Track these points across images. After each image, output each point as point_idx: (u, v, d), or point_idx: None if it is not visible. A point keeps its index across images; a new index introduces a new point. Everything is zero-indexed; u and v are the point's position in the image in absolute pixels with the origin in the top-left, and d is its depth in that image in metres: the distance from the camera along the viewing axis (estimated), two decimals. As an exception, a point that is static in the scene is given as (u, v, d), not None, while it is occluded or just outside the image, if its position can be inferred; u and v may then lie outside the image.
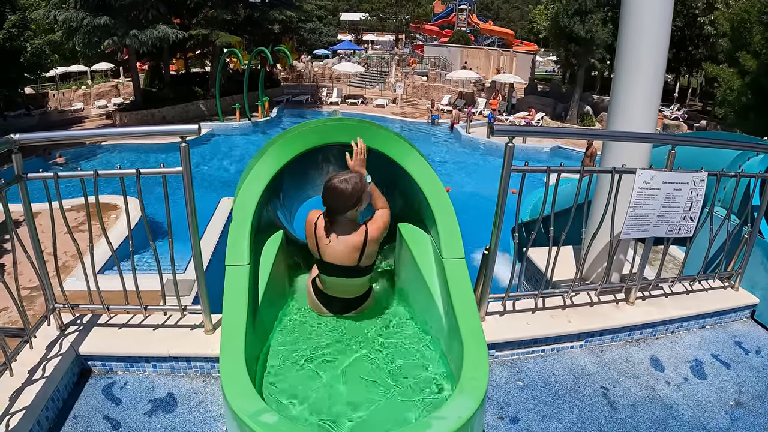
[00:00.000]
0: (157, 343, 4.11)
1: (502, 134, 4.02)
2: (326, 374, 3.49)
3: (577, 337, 4.80)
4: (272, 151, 4.02)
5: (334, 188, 3.79)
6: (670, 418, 4.11)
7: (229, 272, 3.66)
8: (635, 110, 5.01)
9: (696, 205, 4.76)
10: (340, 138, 4.06)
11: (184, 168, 3.71)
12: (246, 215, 3.84)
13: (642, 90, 4.97)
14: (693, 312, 5.27)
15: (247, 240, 3.78)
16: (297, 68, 54.98)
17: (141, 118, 34.35)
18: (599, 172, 4.87)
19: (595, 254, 5.30)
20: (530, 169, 4.25)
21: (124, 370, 4.12)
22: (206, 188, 22.38)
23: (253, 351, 3.42)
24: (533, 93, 47.34)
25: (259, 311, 3.76)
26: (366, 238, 3.87)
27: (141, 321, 4.37)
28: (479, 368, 3.16)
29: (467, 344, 3.31)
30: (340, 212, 3.86)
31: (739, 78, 21.17)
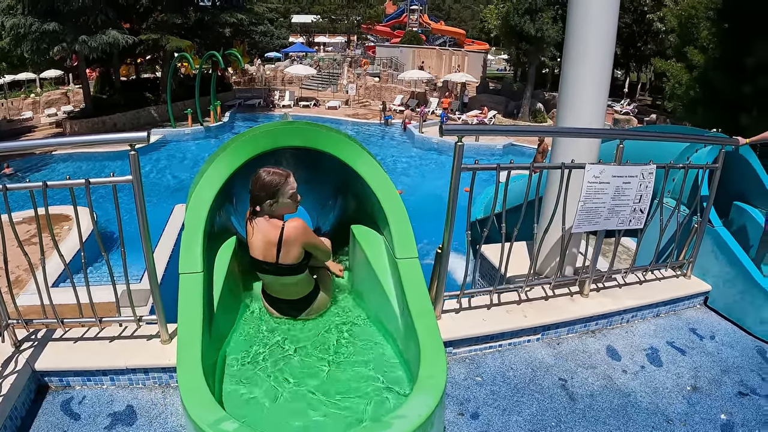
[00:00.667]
0: (113, 356, 4.06)
1: (451, 134, 4.07)
2: (284, 379, 3.48)
3: (534, 331, 4.86)
4: (223, 157, 3.97)
5: (255, 176, 3.88)
6: (629, 406, 4.19)
7: (183, 280, 3.61)
8: (583, 105, 5.09)
9: (645, 198, 4.85)
10: (292, 141, 4.05)
11: (133, 176, 3.69)
12: (198, 222, 3.80)
13: (590, 85, 5.04)
14: (647, 301, 5.39)
15: (199, 247, 3.73)
16: (249, 72, 54.65)
17: (92, 126, 33.67)
18: (549, 168, 4.93)
19: (549, 248, 5.38)
20: (480, 167, 4.28)
21: (82, 385, 4.05)
22: (159, 196, 22.11)
23: (210, 359, 3.38)
24: (485, 91, 47.58)
25: (215, 318, 3.72)
26: (281, 235, 3.89)
27: (97, 334, 4.29)
28: (436, 366, 3.17)
29: (423, 343, 3.33)
30: (257, 202, 3.90)
31: (687, 73, 21.52)
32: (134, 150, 3.62)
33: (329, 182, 4.74)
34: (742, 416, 4.19)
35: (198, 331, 3.33)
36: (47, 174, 25.88)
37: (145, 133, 3.57)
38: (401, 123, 38.48)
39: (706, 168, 5.46)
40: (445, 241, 4.43)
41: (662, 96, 36.31)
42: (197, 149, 31.74)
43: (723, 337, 5.28)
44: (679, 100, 21.78)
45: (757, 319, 5.30)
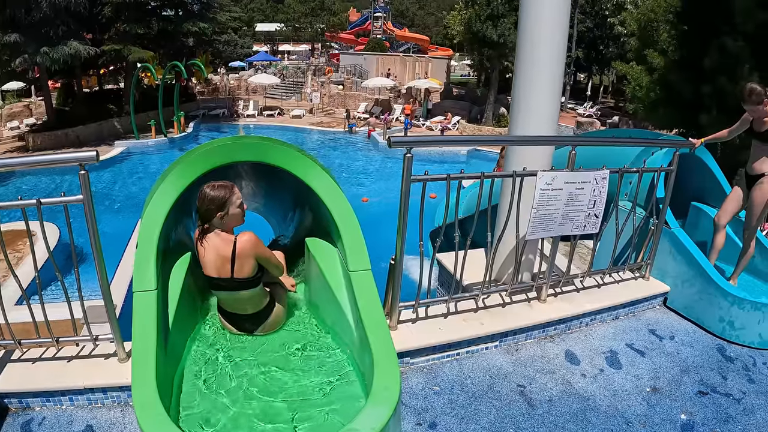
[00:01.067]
0: (72, 376, 3.99)
1: (399, 146, 4.09)
2: (242, 395, 3.46)
3: (491, 338, 4.86)
4: (175, 173, 3.95)
5: (201, 194, 3.84)
6: (588, 410, 4.21)
7: (137, 299, 3.58)
8: (535, 113, 5.11)
9: (599, 203, 4.88)
10: (244, 156, 4.05)
11: (84, 196, 3.61)
12: (151, 240, 3.76)
13: (541, 92, 5.07)
14: (605, 304, 5.43)
15: (153, 265, 3.69)
16: (213, 81, 54.30)
17: (54, 139, 33.14)
18: (500, 176, 4.91)
19: (505, 255, 5.37)
20: (430, 178, 4.30)
21: (41, 406, 3.98)
22: (123, 209, 21.92)
23: (166, 377, 3.35)
24: (449, 97, 47.83)
25: (171, 336, 3.68)
26: (234, 249, 3.88)
27: (55, 354, 4.22)
28: (390, 378, 3.18)
29: (377, 355, 3.33)
30: (207, 218, 3.88)
31: (647, 75, 21.77)
32: (84, 169, 3.55)
33: (288, 195, 4.72)
34: (702, 415, 4.24)
35: (152, 349, 3.29)
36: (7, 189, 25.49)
37: (93, 152, 3.52)
38: (365, 131, 38.48)
39: (660, 171, 5.51)
40: (398, 252, 4.43)
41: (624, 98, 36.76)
42: (161, 161, 31.33)
43: (682, 336, 5.33)
44: (640, 101, 22.04)
45: (716, 317, 5.37)
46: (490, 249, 4.97)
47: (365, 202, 22.33)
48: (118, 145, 32.87)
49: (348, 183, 26.82)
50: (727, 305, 5.27)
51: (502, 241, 4.98)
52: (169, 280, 4.02)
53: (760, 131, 5.46)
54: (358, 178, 28.24)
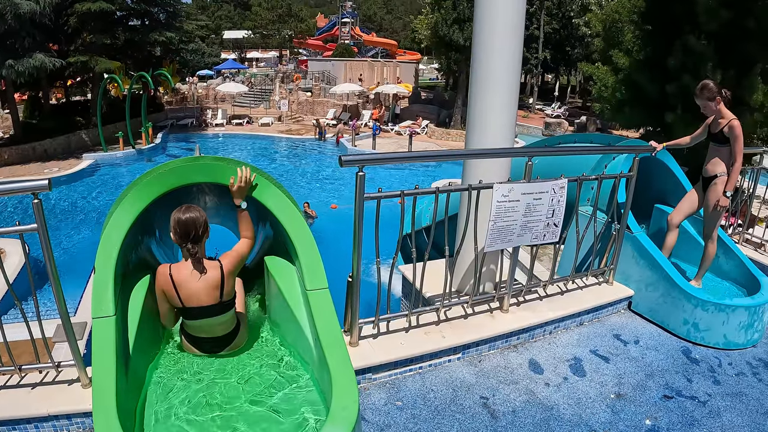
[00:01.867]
0: (36, 403, 3.91)
1: (351, 164, 4.09)
2: (205, 418, 3.43)
3: (454, 351, 4.84)
4: (131, 197, 3.90)
5: (185, 221, 3.78)
6: (551, 419, 4.20)
7: (96, 325, 3.52)
8: (492, 123, 5.10)
9: (558, 212, 4.88)
10: (198, 178, 4.01)
11: (39, 225, 3.55)
12: (108, 264, 3.70)
13: (497, 103, 5.06)
14: (569, 311, 5.44)
15: (110, 290, 3.63)
16: (181, 91, 54.06)
17: (21, 153, 32.74)
18: (456, 190, 4.82)
19: (466, 266, 5.36)
20: (384, 195, 4.30)
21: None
22: (93, 223, 21.73)
23: (128, 403, 3.32)
24: (417, 101, 47.94)
25: (131, 361, 3.63)
26: (222, 273, 3.87)
27: (18, 381, 4.14)
28: (348, 396, 3.17)
29: (335, 374, 3.32)
30: (197, 241, 3.85)
31: (612, 75, 21.85)
32: (38, 198, 3.49)
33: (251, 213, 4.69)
34: (667, 419, 4.26)
35: (112, 376, 3.25)
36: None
37: (45, 181, 3.45)
38: (334, 137, 38.49)
39: (619, 177, 5.53)
40: (355, 270, 4.41)
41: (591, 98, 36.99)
42: (130, 172, 31.24)
43: (647, 340, 5.36)
44: (606, 101, 22.10)
45: (680, 320, 5.42)
46: (450, 261, 4.96)
47: (334, 209, 22.30)
48: (86, 157, 32.72)
49: (317, 190, 26.83)
50: (691, 308, 5.31)
51: (462, 252, 4.97)
52: (129, 304, 3.96)
53: (714, 132, 5.54)
54: (327, 185, 28.24)
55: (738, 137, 5.33)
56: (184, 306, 3.92)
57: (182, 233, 3.79)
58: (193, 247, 3.82)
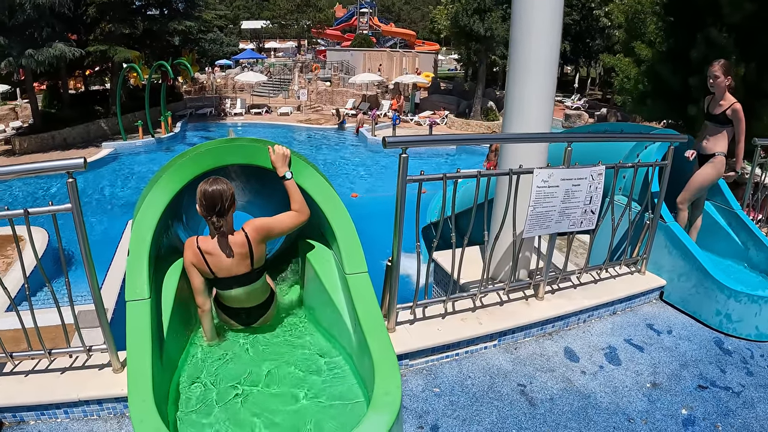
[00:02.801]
0: (65, 388, 3.90)
1: (395, 146, 3.98)
2: (240, 402, 3.41)
3: (490, 338, 4.83)
4: (166, 178, 3.85)
5: (212, 192, 3.73)
6: (589, 407, 4.18)
7: (130, 308, 3.49)
8: (530, 109, 5.07)
9: (596, 199, 4.85)
10: (234, 159, 3.96)
11: (73, 205, 3.53)
12: (142, 247, 3.67)
13: (536, 88, 5.03)
14: (603, 300, 5.41)
15: (145, 273, 3.61)
16: (199, 80, 54.06)
17: (41, 142, 32.88)
18: (496, 174, 4.86)
19: (501, 253, 5.35)
20: (426, 178, 4.23)
21: (36, 419, 3.90)
22: (113, 211, 21.81)
23: (162, 387, 3.29)
24: (437, 92, 47.72)
25: (166, 344, 3.61)
26: (248, 241, 3.86)
27: (47, 366, 4.11)
28: (391, 383, 3.13)
29: (377, 360, 3.28)
30: (225, 214, 3.79)
31: (635, 67, 21.65)
32: (72, 177, 3.45)
33: (278, 194, 4.64)
34: (702, 409, 4.22)
35: (148, 360, 3.22)
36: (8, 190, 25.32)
37: (81, 160, 3.42)
38: (355, 127, 38.44)
39: (654, 165, 5.49)
40: (395, 253, 4.39)
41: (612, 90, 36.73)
42: (149, 161, 31.23)
43: (680, 330, 5.32)
44: (628, 93, 21.89)
45: (713, 311, 5.37)
46: (487, 247, 4.94)
47: (355, 198, 22.28)
48: (105, 146, 32.67)
49: (337, 179, 26.80)
50: (724, 298, 5.26)
51: (499, 239, 4.95)
52: (162, 287, 3.93)
53: (714, 113, 5.78)
54: (347, 174, 28.21)
55: (742, 120, 5.65)
56: (215, 276, 3.93)
57: (209, 205, 3.72)
58: (219, 221, 3.77)
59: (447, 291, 4.90)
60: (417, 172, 4.11)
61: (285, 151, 3.93)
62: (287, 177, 3.87)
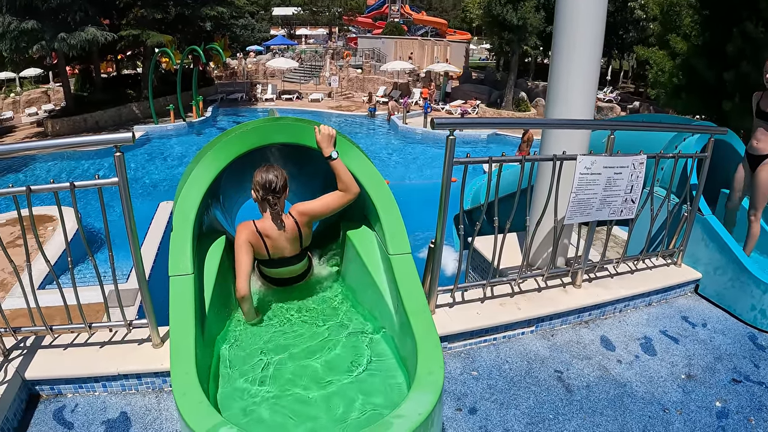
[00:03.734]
0: (104, 362, 3.97)
1: (443, 127, 3.97)
2: (280, 380, 3.43)
3: (528, 323, 4.86)
4: (211, 155, 3.87)
5: (268, 177, 3.86)
6: (625, 396, 4.20)
7: (174, 283, 3.52)
8: (573, 96, 5.05)
9: (636, 188, 4.84)
10: (279, 138, 3.98)
11: (120, 178, 3.60)
12: (187, 223, 3.69)
13: (579, 75, 5.00)
14: (639, 290, 5.41)
15: (189, 248, 3.63)
16: (231, 66, 54.26)
17: (73, 125, 33.36)
18: (541, 160, 4.87)
19: (540, 240, 5.36)
20: (472, 160, 4.24)
21: (74, 392, 3.96)
22: (143, 193, 22.02)
23: (204, 362, 3.32)
24: (468, 81, 47.49)
25: (207, 321, 3.64)
26: (297, 225, 4.00)
27: (87, 339, 4.20)
28: (434, 363, 3.13)
29: (420, 340, 3.28)
30: (280, 194, 3.92)
31: (669, 60, 21.47)
32: (119, 151, 3.51)
33: (318, 176, 4.66)
34: (736, 403, 4.21)
35: (191, 335, 3.25)
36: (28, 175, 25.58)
37: (129, 134, 3.45)
38: (386, 115, 38.41)
39: (695, 157, 5.47)
40: (438, 236, 4.40)
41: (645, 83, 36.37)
42: (180, 145, 31.59)
43: (715, 324, 5.30)
44: (663, 87, 21.73)
45: (748, 306, 5.33)
46: (528, 233, 4.96)
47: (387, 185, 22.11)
48: (137, 129, 32.59)
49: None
50: (760, 294, 5.22)
51: (538, 225, 4.95)
52: (205, 263, 3.97)
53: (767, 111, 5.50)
54: (378, 161, 28.16)
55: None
56: (270, 257, 4.05)
57: (266, 186, 3.85)
58: (274, 198, 3.88)
59: (484, 276, 4.92)
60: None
61: (331, 131, 3.95)
62: (333, 157, 3.89)
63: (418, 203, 10.86)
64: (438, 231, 4.40)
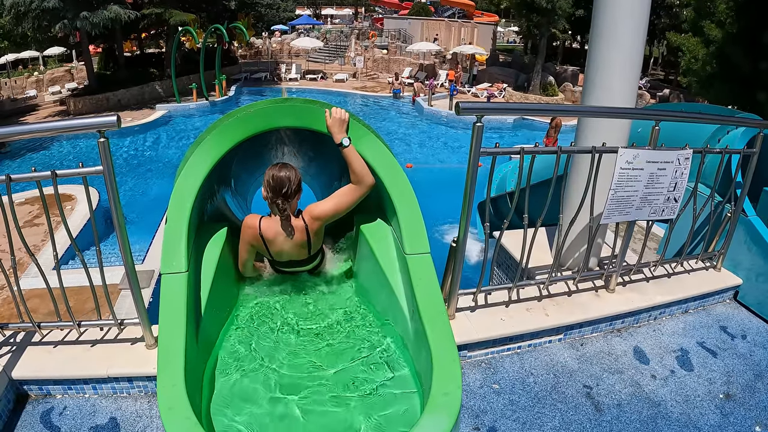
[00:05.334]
0: (95, 363, 3.70)
1: (469, 112, 3.53)
2: (281, 391, 3.12)
3: (556, 331, 4.46)
4: (210, 140, 3.53)
5: (280, 177, 3.61)
6: (659, 417, 3.80)
7: (165, 282, 3.21)
8: (613, 83, 4.56)
9: (680, 185, 4.41)
10: (285, 122, 3.62)
11: (104, 167, 3.22)
12: (181, 216, 3.38)
13: (620, 60, 4.52)
14: (676, 297, 4.98)
15: (183, 243, 3.31)
16: (255, 45, 54.20)
17: (96, 103, 33.57)
18: (578, 152, 4.42)
19: (572, 238, 4.92)
20: (501, 151, 3.83)
21: (63, 393, 3.71)
22: (164, 173, 21.84)
23: (196, 370, 3.02)
24: (495, 64, 47.00)
25: (203, 323, 3.33)
26: (307, 233, 3.80)
27: (77, 337, 3.92)
28: (451, 381, 2.79)
29: (436, 353, 2.94)
30: (290, 198, 3.67)
31: (703, 47, 21.03)
32: (104, 137, 3.14)
33: (334, 161, 4.29)
34: (777, 427, 3.79)
35: (181, 341, 2.94)
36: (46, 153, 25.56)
37: (114, 118, 3.06)
38: (411, 96, 38.15)
39: (743, 153, 5.03)
40: (461, 233, 3.96)
41: (675, 71, 35.78)
42: (203, 124, 31.54)
43: (755, 336, 4.85)
44: (695, 75, 21.30)
45: (791, 318, 4.90)
46: (561, 232, 4.52)
47: (410, 168, 21.83)
48: (159, 108, 33.41)
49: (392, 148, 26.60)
50: (806, 306, 4.79)
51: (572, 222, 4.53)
52: (203, 259, 3.65)
53: None
54: (402, 144, 27.98)
55: None
56: (273, 258, 3.90)
57: (276, 188, 3.58)
58: (283, 203, 3.61)
59: (509, 275, 4.54)
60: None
61: (343, 115, 3.59)
62: (344, 144, 3.55)
63: (441, 188, 10.57)
64: (461, 229, 3.96)
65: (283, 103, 3.65)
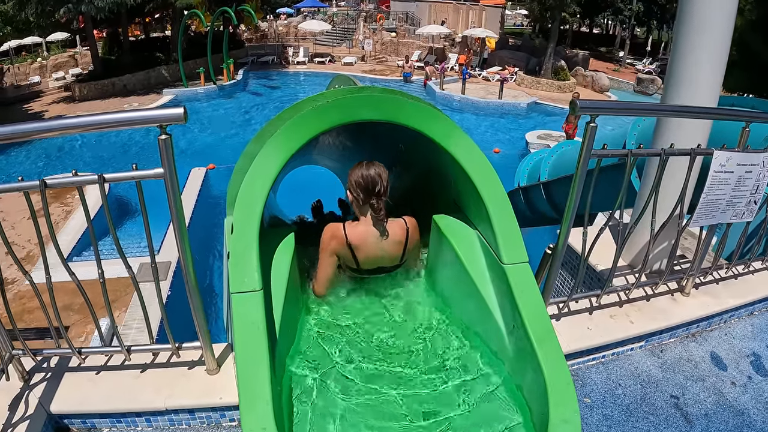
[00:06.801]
0: (148, 393, 3.26)
1: (584, 112, 3.27)
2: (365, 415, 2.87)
3: (639, 339, 4.29)
4: (281, 134, 3.15)
5: (372, 176, 3.44)
6: (744, 426, 3.64)
7: (238, 302, 2.83)
8: (699, 81, 4.35)
9: (761, 187, 4.23)
10: (367, 115, 3.25)
11: (166, 169, 2.77)
12: (251, 224, 2.99)
13: (706, 61, 4.32)
14: (747, 299, 4.82)
15: (255, 257, 2.93)
16: (261, 28, 53.82)
17: (101, 89, 33.40)
18: (678, 154, 4.01)
19: (645, 239, 4.72)
20: (610, 153, 3.59)
21: (111, 426, 3.27)
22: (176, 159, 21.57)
23: (275, 395, 2.65)
24: (504, 47, 46.65)
25: (278, 345, 3.01)
26: (407, 229, 3.60)
27: (123, 361, 3.45)
28: (568, 407, 2.59)
29: (549, 375, 2.70)
30: (384, 197, 3.45)
31: (722, 35, 20.89)
32: (166, 133, 2.68)
33: (386, 151, 4.03)
34: None
35: (266, 372, 2.62)
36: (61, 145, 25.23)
37: (180, 110, 2.65)
38: (422, 80, 37.89)
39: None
40: (561, 238, 3.71)
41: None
42: (211, 108, 31.54)
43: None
44: (713, 61, 21.14)
45: None
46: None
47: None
48: (166, 93, 33.32)
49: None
50: None
51: (644, 223, 4.33)
52: (272, 271, 3.26)
53: None
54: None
55: None
56: (359, 267, 3.58)
57: (368, 188, 3.40)
58: (378, 202, 3.40)
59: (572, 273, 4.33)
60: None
61: None
62: None
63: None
64: (562, 231, 3.69)
65: (362, 92, 3.38)
